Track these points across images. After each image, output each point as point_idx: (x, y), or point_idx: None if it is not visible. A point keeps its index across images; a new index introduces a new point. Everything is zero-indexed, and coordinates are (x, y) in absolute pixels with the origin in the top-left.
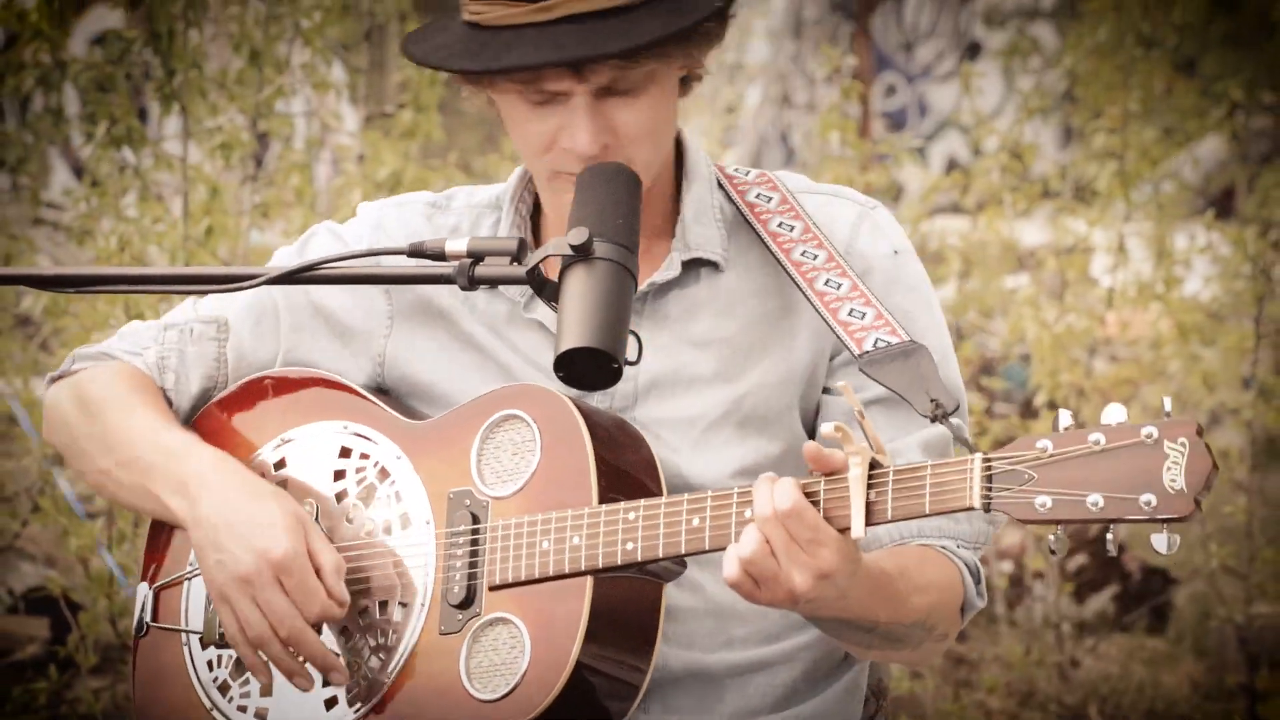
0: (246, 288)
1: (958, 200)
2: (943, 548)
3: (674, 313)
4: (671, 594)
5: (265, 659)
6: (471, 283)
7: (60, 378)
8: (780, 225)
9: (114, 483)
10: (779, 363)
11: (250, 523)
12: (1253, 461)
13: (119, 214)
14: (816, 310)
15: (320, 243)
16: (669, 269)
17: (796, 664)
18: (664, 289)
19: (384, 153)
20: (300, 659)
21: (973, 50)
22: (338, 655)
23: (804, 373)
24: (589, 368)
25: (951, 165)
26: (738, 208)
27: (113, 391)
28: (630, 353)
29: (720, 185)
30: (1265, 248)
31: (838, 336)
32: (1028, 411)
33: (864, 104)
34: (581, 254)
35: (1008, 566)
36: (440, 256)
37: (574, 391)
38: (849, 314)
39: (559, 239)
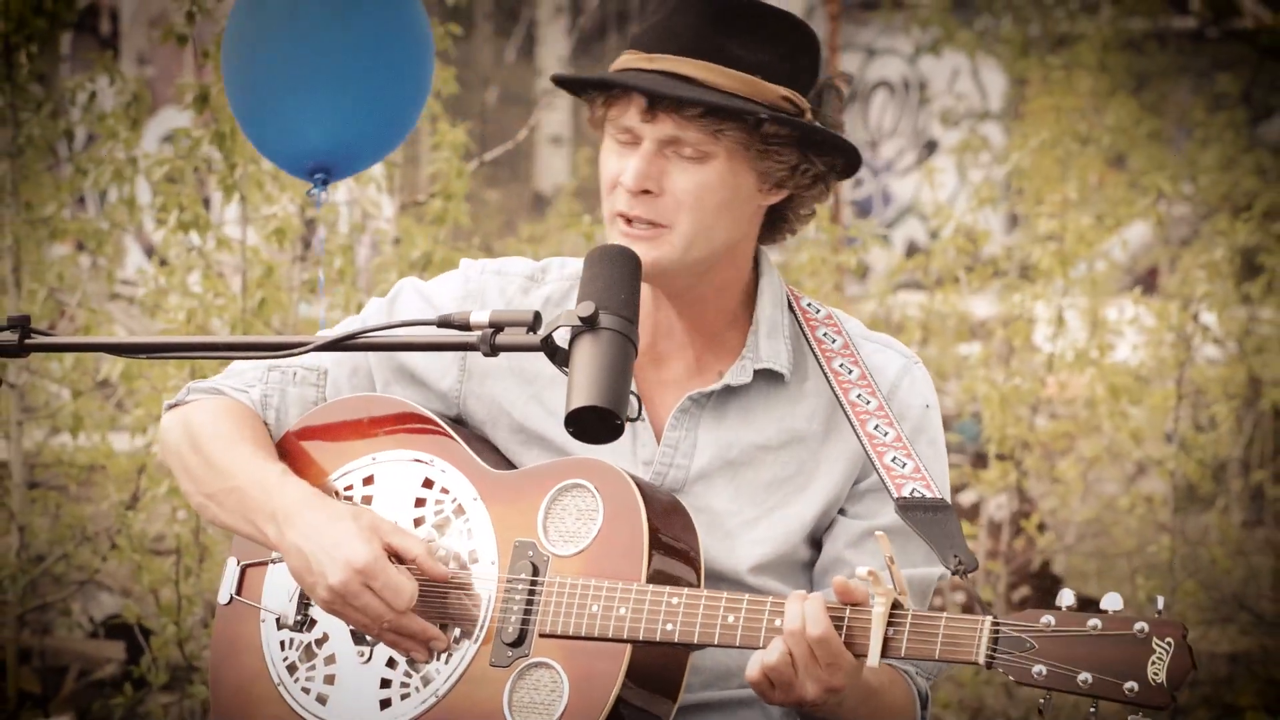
0: (297, 354)
1: (918, 278)
2: (905, 671)
3: (734, 413)
4: None
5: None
6: (493, 350)
7: (175, 405)
8: (840, 366)
9: (216, 505)
10: (814, 483)
11: (331, 542)
12: (1174, 506)
13: (185, 290)
14: (865, 452)
15: (406, 300)
16: (742, 375)
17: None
18: (731, 390)
19: (417, 236)
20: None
21: (930, 147)
22: (441, 627)
23: (833, 494)
24: (595, 424)
25: (912, 248)
26: (806, 338)
27: (218, 424)
28: (631, 411)
29: (791, 308)
30: (1185, 320)
31: (880, 477)
32: (979, 461)
33: (835, 194)
34: (589, 325)
35: (960, 597)
36: (465, 327)
37: (617, 459)
38: (892, 460)
39: (570, 310)
